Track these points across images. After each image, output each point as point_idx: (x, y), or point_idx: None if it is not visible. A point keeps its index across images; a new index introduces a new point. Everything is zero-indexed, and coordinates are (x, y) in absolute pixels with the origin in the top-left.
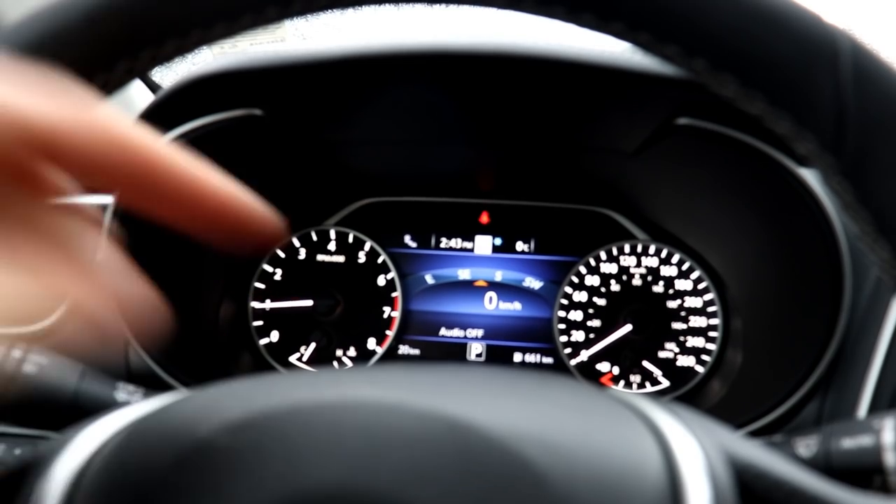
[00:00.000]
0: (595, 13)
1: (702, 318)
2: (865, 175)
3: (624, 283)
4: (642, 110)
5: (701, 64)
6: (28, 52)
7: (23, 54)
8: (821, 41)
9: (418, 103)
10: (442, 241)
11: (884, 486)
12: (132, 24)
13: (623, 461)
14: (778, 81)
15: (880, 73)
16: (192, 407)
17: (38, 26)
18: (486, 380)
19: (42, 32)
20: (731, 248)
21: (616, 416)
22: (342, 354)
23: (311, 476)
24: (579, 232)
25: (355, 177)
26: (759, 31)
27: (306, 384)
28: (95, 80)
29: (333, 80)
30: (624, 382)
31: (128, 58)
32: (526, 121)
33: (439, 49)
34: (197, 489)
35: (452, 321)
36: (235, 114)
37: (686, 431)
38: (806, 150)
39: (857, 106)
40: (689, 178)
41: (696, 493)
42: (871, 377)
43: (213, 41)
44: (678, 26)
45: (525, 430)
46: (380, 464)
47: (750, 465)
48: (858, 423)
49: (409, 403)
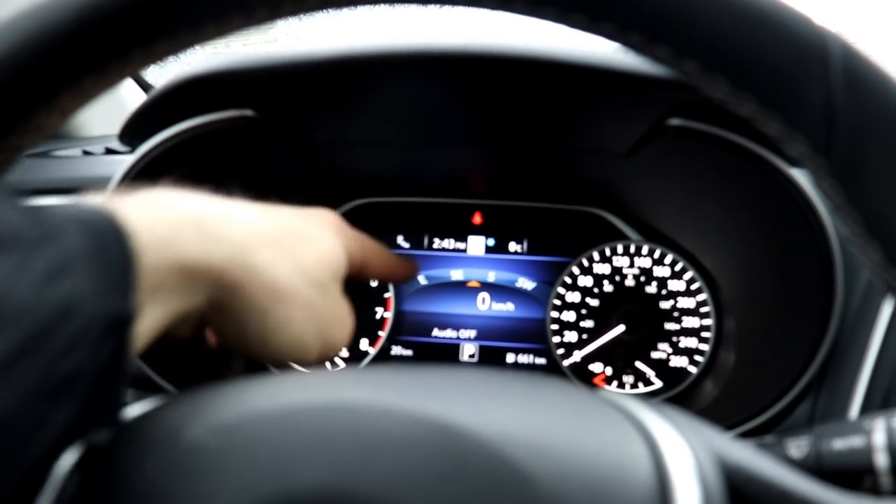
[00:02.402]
0: (586, 14)
1: (694, 319)
2: (856, 176)
3: (617, 283)
4: (635, 111)
5: (692, 65)
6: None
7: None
8: (811, 43)
9: (411, 104)
10: (434, 241)
11: (874, 487)
12: (121, 26)
13: (612, 464)
14: (768, 83)
15: (871, 74)
16: (180, 410)
17: (27, 25)
18: (474, 382)
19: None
20: (723, 249)
21: (605, 418)
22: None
23: (298, 479)
24: (572, 232)
25: (347, 178)
26: (750, 32)
27: (294, 387)
28: (85, 81)
29: (326, 81)
30: (617, 383)
31: (117, 58)
32: (518, 122)
33: (432, 50)
34: (185, 492)
35: (445, 322)
36: (227, 114)
37: (676, 433)
38: (796, 152)
39: (847, 107)
40: (681, 178)
41: (685, 495)
42: (862, 378)
43: (203, 42)
44: (669, 27)
45: (513, 433)
46: (367, 467)
47: (740, 467)
48: (849, 424)
49: (397, 406)
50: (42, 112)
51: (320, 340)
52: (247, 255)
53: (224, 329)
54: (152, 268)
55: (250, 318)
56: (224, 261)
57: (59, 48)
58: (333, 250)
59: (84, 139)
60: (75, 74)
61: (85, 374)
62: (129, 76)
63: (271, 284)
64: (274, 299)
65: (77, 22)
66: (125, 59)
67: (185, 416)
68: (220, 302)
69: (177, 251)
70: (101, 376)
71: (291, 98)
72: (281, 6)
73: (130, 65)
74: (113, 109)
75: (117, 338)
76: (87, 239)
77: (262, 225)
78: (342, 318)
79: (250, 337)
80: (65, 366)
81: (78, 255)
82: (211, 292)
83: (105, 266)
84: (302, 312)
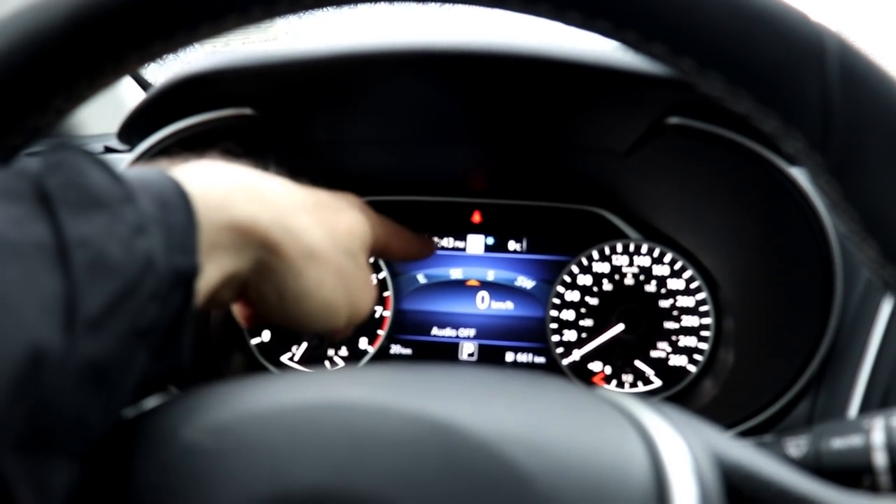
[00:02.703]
0: (581, 11)
1: (694, 318)
2: (853, 173)
3: (616, 282)
4: (634, 110)
5: (687, 62)
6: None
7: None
8: (807, 39)
9: (410, 103)
10: (434, 240)
11: (873, 485)
12: (116, 25)
13: (609, 462)
14: (765, 80)
15: (867, 71)
16: (177, 410)
17: (21, 25)
18: (472, 380)
19: (25, 32)
20: (723, 248)
21: (602, 417)
22: (334, 354)
23: (294, 478)
24: (571, 231)
25: (347, 176)
26: (746, 29)
27: (290, 386)
28: (80, 81)
29: (325, 80)
30: (616, 382)
31: (112, 59)
32: (518, 120)
33: (431, 49)
34: (182, 492)
35: (444, 321)
36: (226, 113)
37: (673, 432)
38: (793, 149)
39: (844, 104)
40: (681, 177)
41: (682, 494)
42: (861, 377)
43: (199, 41)
44: (664, 24)
45: (510, 431)
46: (363, 466)
47: (737, 465)
48: (848, 423)
49: (394, 405)
50: (37, 113)
51: (348, 305)
52: (288, 217)
53: (264, 291)
54: (210, 227)
55: (288, 279)
56: (269, 222)
57: (54, 48)
58: (361, 223)
59: (83, 137)
60: (70, 75)
61: (159, 324)
62: (124, 76)
63: (307, 247)
64: (309, 261)
65: (72, 22)
66: (120, 60)
67: (181, 417)
68: (263, 263)
69: (230, 212)
70: (170, 328)
71: (290, 97)
72: (276, 5)
73: (126, 65)
74: (112, 108)
75: (183, 292)
76: (157, 201)
77: (299, 195)
78: (368, 285)
79: (287, 299)
80: (146, 316)
81: (151, 216)
82: (257, 253)
83: (172, 226)
84: (333, 276)
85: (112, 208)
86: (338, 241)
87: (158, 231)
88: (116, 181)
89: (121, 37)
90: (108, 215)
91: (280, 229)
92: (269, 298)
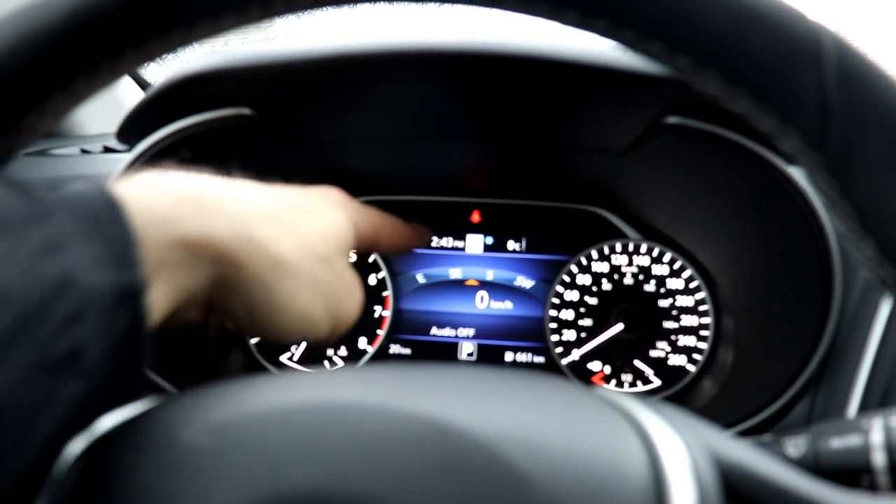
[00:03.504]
0: (579, 10)
1: (693, 317)
2: (850, 172)
3: (615, 281)
4: (632, 109)
5: (685, 61)
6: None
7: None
8: (804, 38)
9: (409, 102)
10: (433, 239)
11: (872, 485)
12: (113, 24)
13: (607, 462)
14: (762, 78)
15: (864, 69)
16: (175, 410)
17: (18, 25)
18: (470, 380)
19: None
20: (722, 247)
21: (600, 416)
22: (333, 354)
23: (293, 478)
24: (571, 231)
25: (345, 176)
26: (743, 28)
27: (288, 386)
28: (78, 81)
29: (323, 80)
30: (615, 381)
31: (110, 58)
32: (516, 120)
33: (430, 48)
34: (180, 492)
35: (444, 320)
36: (225, 112)
37: (672, 431)
38: (791, 148)
39: (841, 103)
40: (679, 176)
41: (680, 493)
42: (860, 376)
43: (196, 41)
44: (662, 23)
45: (508, 431)
46: (362, 466)
47: (736, 465)
48: (847, 422)
49: (391, 405)
50: (34, 112)
51: (329, 314)
52: (248, 229)
53: (231, 308)
54: (154, 244)
55: (255, 293)
56: (225, 236)
57: (51, 48)
58: (338, 225)
59: (82, 137)
60: (67, 75)
61: (90, 348)
62: (122, 76)
63: (274, 259)
64: (277, 274)
65: (69, 21)
66: (118, 59)
67: (179, 417)
68: (224, 279)
69: (177, 227)
70: (116, 351)
71: (289, 96)
72: (273, 4)
73: (123, 64)
74: (110, 107)
75: (129, 311)
76: (79, 217)
77: (264, 201)
78: (350, 291)
79: (258, 314)
80: (65, 342)
81: (70, 232)
82: (214, 269)
83: (104, 241)
84: (307, 287)
85: (12, 230)
86: (310, 249)
87: (83, 247)
88: (23, 201)
89: (118, 36)
90: (5, 239)
91: (239, 241)
92: (239, 314)
